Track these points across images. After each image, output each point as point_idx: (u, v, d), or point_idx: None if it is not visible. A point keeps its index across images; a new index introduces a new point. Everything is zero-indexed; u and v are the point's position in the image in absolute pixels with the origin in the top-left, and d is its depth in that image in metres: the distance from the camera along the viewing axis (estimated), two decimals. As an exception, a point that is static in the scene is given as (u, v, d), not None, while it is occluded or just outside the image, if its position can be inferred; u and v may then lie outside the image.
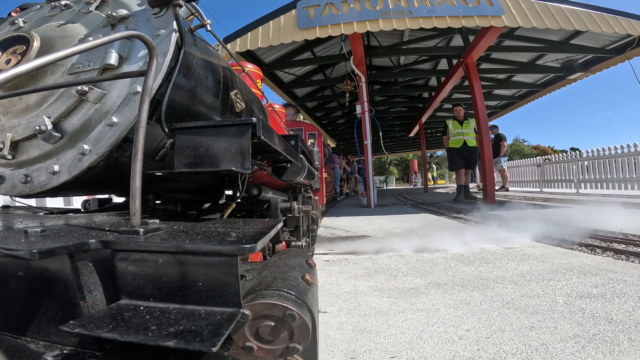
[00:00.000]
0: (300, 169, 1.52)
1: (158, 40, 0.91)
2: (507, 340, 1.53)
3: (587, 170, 9.79)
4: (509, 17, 6.24)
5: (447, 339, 1.57)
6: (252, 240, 0.57)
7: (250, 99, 1.47)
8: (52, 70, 0.90)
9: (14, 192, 0.94)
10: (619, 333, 1.52)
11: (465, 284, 2.30)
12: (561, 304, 1.88)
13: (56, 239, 0.56)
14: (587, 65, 9.11)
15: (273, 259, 0.96)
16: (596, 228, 4.12)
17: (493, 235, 3.79)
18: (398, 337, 1.61)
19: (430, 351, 1.47)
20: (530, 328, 1.63)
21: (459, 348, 1.48)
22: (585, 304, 1.86)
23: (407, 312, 1.89)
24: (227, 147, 0.78)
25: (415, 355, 1.45)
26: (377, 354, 1.48)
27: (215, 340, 0.44)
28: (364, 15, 6.25)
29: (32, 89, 0.84)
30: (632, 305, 1.80)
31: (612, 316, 1.69)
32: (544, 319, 1.72)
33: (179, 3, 0.91)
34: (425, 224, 5.04)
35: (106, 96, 0.87)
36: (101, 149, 0.85)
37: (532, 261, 2.79)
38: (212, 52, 1.19)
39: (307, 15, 6.37)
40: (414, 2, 6.35)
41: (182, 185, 1.17)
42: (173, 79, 0.88)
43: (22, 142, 0.91)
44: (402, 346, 1.53)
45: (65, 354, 0.54)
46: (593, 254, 3.20)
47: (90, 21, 0.97)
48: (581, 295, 1.99)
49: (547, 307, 1.85)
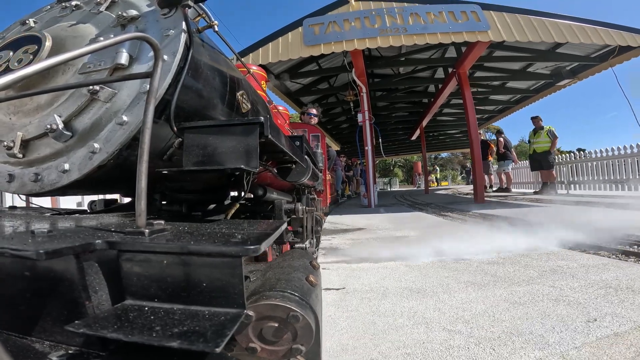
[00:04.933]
0: (305, 170, 1.52)
1: (167, 40, 0.92)
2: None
3: (575, 172, 10.16)
4: (494, 32, 6.76)
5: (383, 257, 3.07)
6: (257, 242, 0.57)
7: (255, 100, 1.48)
8: (64, 70, 0.91)
9: (23, 190, 0.95)
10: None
11: (398, 242, 3.77)
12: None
13: (62, 239, 0.56)
14: (574, 72, 9.65)
15: (277, 260, 0.96)
16: (539, 220, 4.69)
17: (453, 228, 4.86)
18: (358, 253, 3.27)
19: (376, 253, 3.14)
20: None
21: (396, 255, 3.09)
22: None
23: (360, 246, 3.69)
24: (234, 146, 0.79)
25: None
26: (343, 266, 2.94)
27: (219, 341, 0.44)
28: (364, 33, 6.85)
29: (42, 90, 0.85)
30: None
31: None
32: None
33: (188, 4, 0.92)
34: (413, 220, 5.93)
35: (116, 95, 0.88)
36: (111, 147, 0.86)
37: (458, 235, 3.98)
38: (219, 53, 1.20)
39: (312, 32, 7.01)
40: (409, 20, 6.93)
41: (188, 185, 1.18)
42: (182, 79, 0.89)
43: (32, 140, 0.92)
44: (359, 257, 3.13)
45: (70, 353, 0.54)
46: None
47: (101, 21, 0.98)
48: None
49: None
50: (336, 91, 11.65)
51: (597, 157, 9.31)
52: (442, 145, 25.16)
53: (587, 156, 9.72)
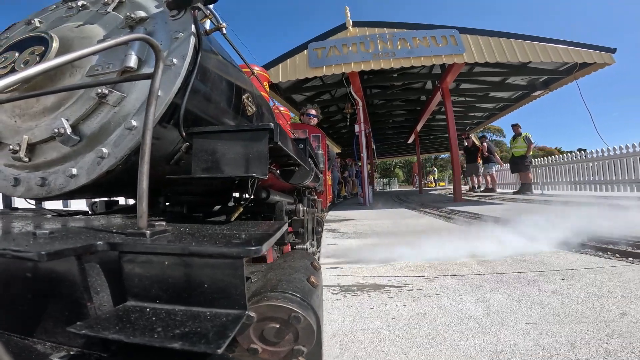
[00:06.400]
0: (308, 172, 1.52)
1: (177, 43, 0.90)
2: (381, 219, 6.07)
3: (549, 174, 11.03)
4: (468, 54, 7.88)
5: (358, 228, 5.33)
6: (258, 243, 0.57)
7: (260, 102, 1.47)
8: (71, 72, 0.89)
9: (29, 194, 0.93)
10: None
11: (375, 231, 4.98)
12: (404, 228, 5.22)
13: (64, 240, 0.56)
14: (546, 84, 10.73)
15: (278, 261, 0.96)
16: (480, 213, 6.04)
17: (416, 218, 6.48)
18: (346, 229, 5.20)
19: (362, 229, 5.13)
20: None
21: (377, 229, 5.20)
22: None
23: (349, 227, 5.53)
24: (244, 152, 0.77)
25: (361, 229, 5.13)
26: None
27: (221, 342, 0.44)
28: (360, 57, 8.08)
29: (48, 91, 0.84)
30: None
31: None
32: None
33: (197, 6, 0.91)
34: (395, 214, 7.38)
35: (125, 99, 0.87)
36: (120, 152, 0.85)
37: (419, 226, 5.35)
38: (226, 55, 1.19)
39: (316, 56, 8.25)
40: (397, 45, 8.07)
41: (193, 188, 1.17)
42: (191, 83, 0.87)
43: (39, 144, 0.90)
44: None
45: (72, 355, 0.54)
46: (444, 220, 5.95)
47: (108, 22, 0.96)
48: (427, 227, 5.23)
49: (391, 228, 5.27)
50: (337, 102, 12.73)
51: (565, 161, 10.31)
52: (438, 147, 25.99)
53: (557, 160, 10.75)
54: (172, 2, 0.90)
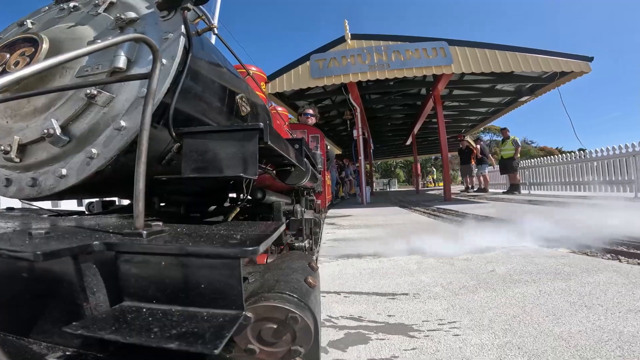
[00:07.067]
0: (304, 173, 1.52)
1: (166, 44, 0.90)
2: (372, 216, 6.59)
3: (537, 175, 11.63)
4: (456, 65, 8.45)
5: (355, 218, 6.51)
6: (255, 243, 0.57)
7: (255, 103, 1.47)
8: (61, 73, 0.90)
9: (21, 195, 0.94)
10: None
11: (364, 224, 5.55)
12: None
13: (60, 240, 0.56)
14: (532, 90, 11.19)
15: (276, 262, 0.96)
16: (463, 211, 6.45)
17: (405, 215, 6.86)
18: (343, 223, 5.77)
19: (356, 222, 5.80)
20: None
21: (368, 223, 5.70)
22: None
23: (345, 221, 6.17)
24: (234, 152, 0.78)
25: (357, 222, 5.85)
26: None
27: (218, 342, 0.44)
28: (357, 68, 8.72)
29: (38, 91, 0.85)
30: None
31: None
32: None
33: (187, 6, 0.91)
34: (388, 211, 7.86)
35: (114, 100, 0.87)
36: (109, 153, 0.85)
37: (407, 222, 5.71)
38: (218, 55, 1.19)
39: (317, 67, 8.88)
40: (392, 57, 8.72)
41: (187, 189, 1.17)
42: (181, 83, 0.87)
43: (29, 145, 0.91)
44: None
45: (68, 355, 0.54)
46: (427, 216, 6.48)
47: (99, 23, 0.97)
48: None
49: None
50: (337, 107, 13.23)
51: (551, 162, 10.75)
52: (435, 149, 26.45)
53: (543, 161, 11.22)
54: (162, 2, 0.90)
